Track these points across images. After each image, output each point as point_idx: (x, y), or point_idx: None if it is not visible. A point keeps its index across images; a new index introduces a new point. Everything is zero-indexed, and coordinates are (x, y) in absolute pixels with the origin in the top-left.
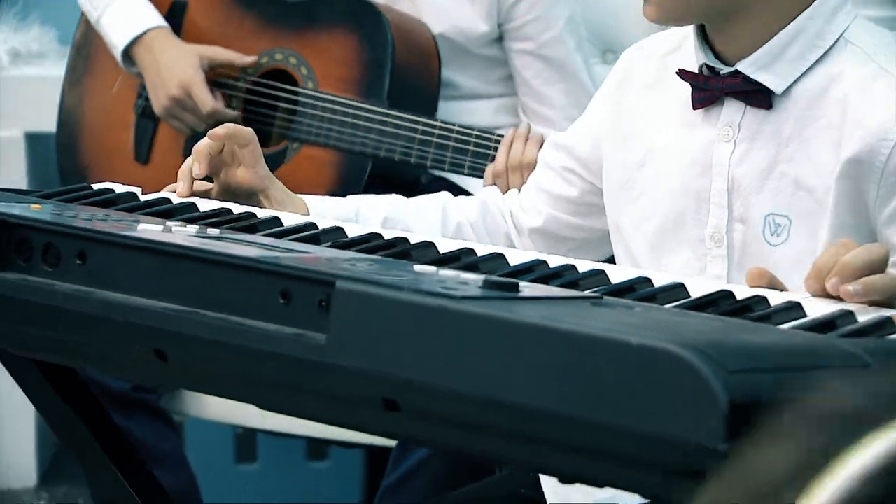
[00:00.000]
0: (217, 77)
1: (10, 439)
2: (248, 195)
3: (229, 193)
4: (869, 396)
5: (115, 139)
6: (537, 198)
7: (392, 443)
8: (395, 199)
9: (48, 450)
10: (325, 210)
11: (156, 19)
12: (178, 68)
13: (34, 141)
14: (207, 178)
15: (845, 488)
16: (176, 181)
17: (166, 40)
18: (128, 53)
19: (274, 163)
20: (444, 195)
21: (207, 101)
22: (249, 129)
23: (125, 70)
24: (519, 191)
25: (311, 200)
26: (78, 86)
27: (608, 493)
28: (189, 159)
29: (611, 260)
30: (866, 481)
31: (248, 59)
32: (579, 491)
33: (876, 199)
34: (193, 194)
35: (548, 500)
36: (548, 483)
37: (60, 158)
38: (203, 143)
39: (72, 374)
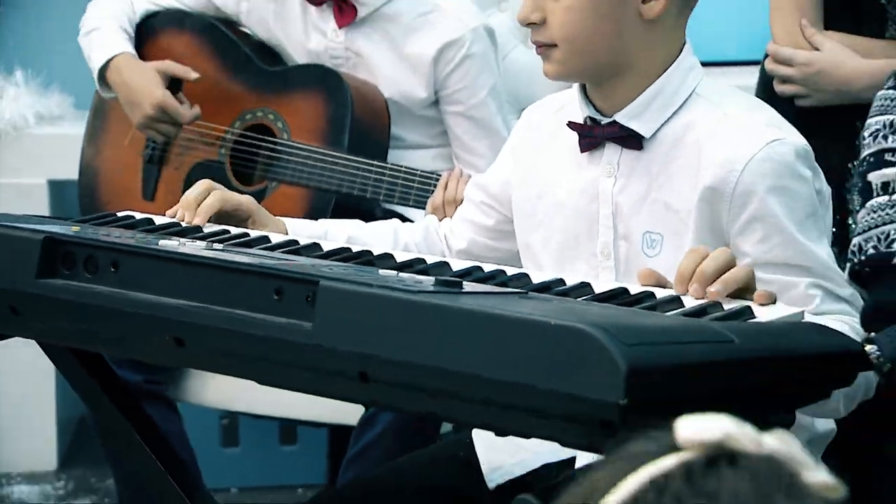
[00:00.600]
0: (208, 131)
1: (32, 426)
2: (239, 221)
3: (224, 220)
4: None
5: (127, 181)
6: (462, 226)
7: (353, 422)
8: (356, 222)
9: (67, 435)
10: (300, 230)
11: (121, 46)
12: (146, 89)
13: (55, 187)
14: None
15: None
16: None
17: (131, 63)
18: (104, 79)
19: (256, 199)
20: (395, 221)
21: (183, 113)
22: (237, 198)
23: (103, 95)
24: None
25: (288, 222)
26: (95, 140)
27: (531, 454)
28: (194, 192)
29: None
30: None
31: (194, 75)
32: (506, 453)
33: (728, 217)
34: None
35: (481, 464)
36: (480, 448)
37: (82, 199)
38: (205, 205)
39: (100, 359)
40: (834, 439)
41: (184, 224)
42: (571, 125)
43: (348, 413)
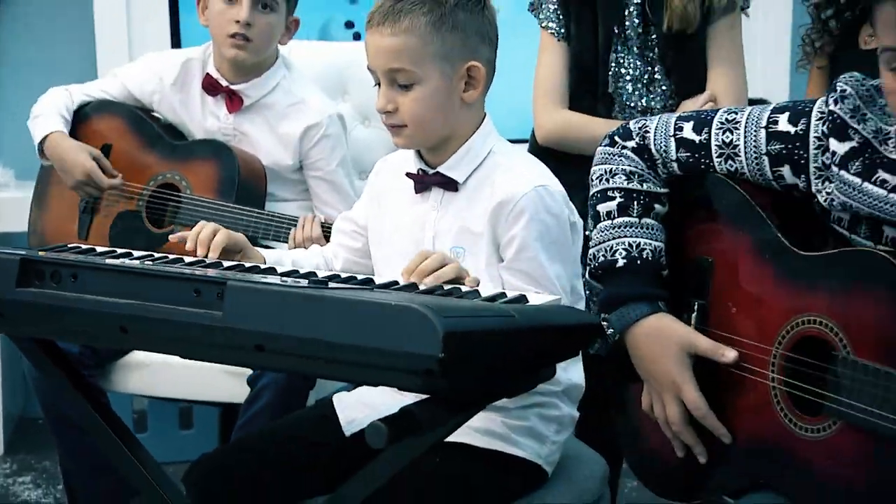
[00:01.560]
0: (130, 188)
1: None
2: (233, 255)
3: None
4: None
5: (67, 227)
6: (339, 249)
7: (241, 401)
8: (300, 250)
9: (10, 428)
10: (267, 256)
11: (57, 126)
12: (78, 161)
13: (3, 238)
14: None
15: None
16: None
17: (63, 140)
18: (42, 151)
19: (164, 240)
20: (320, 248)
21: (104, 181)
22: (235, 235)
23: (43, 163)
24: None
25: (262, 252)
26: (41, 198)
27: (376, 411)
28: (205, 233)
29: None
30: None
31: (113, 175)
32: (357, 410)
33: (501, 233)
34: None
35: (339, 419)
36: (338, 408)
37: (31, 241)
38: (217, 242)
39: (53, 345)
40: (586, 391)
41: (116, 252)
42: (409, 174)
43: (236, 394)
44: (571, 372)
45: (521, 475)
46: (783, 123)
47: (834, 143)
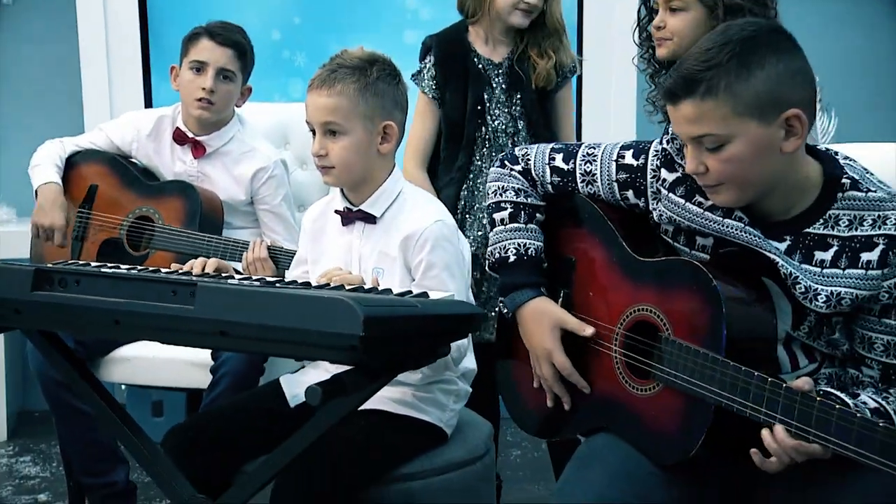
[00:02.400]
0: (113, 220)
1: None
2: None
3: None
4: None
5: (61, 254)
6: (297, 269)
7: (204, 386)
8: (298, 267)
9: (13, 420)
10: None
11: (51, 177)
12: (54, 214)
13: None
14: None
15: None
16: None
17: (51, 193)
18: (36, 195)
19: (141, 260)
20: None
21: (58, 239)
22: (219, 262)
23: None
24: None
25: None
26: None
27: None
28: (201, 264)
29: None
30: None
31: (71, 227)
32: (299, 387)
33: (411, 257)
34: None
35: (285, 394)
36: (284, 385)
37: (34, 261)
38: (210, 265)
39: (59, 339)
40: (477, 374)
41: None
42: (337, 211)
43: (200, 381)
44: (468, 359)
45: (427, 435)
46: (628, 158)
47: (665, 173)
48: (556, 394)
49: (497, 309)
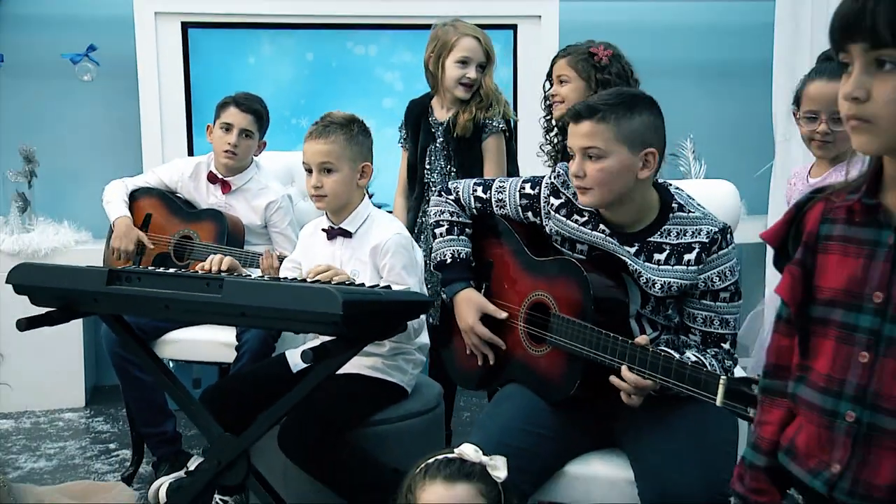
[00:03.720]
0: (164, 240)
1: (71, 385)
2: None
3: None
4: None
5: (126, 264)
6: (294, 272)
7: (230, 361)
8: (291, 267)
9: (88, 391)
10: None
11: (121, 211)
12: (127, 241)
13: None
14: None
15: None
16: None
17: (124, 225)
18: (112, 224)
19: (186, 268)
20: (293, 266)
21: (128, 259)
22: (234, 261)
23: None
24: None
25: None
26: (111, 252)
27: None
28: (218, 257)
29: None
30: None
31: (148, 246)
32: (299, 358)
33: (379, 261)
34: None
35: (289, 363)
36: (289, 357)
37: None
38: (225, 262)
39: (126, 322)
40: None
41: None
42: (323, 229)
43: (228, 356)
44: (423, 336)
45: (393, 392)
46: (528, 189)
47: (552, 199)
48: (483, 354)
49: (441, 298)
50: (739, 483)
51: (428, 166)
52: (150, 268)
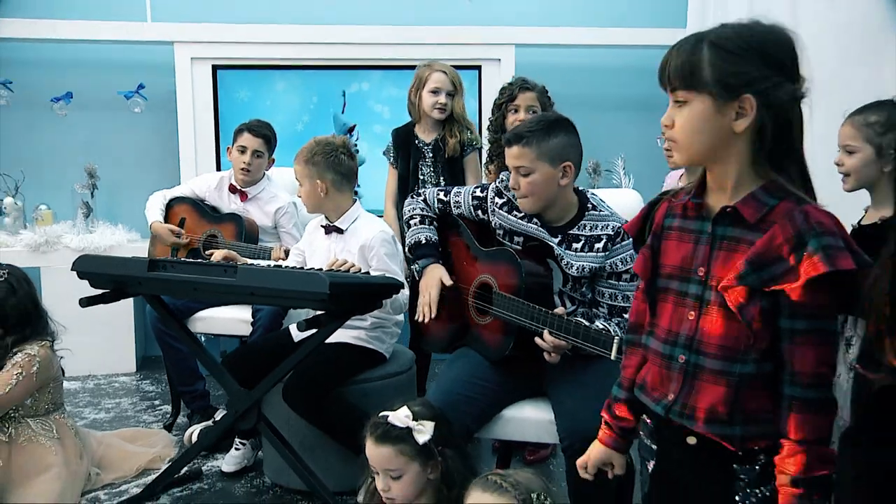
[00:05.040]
0: (195, 239)
1: (124, 353)
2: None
3: None
4: None
5: (164, 254)
6: (300, 257)
7: (247, 334)
8: (295, 254)
9: (139, 359)
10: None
11: (157, 217)
12: (162, 235)
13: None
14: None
15: None
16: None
17: (159, 227)
18: (151, 227)
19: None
20: (292, 261)
21: (170, 239)
22: (232, 254)
23: (152, 233)
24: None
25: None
26: (153, 247)
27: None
28: (220, 252)
29: None
30: None
31: (183, 241)
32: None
33: (367, 254)
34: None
35: (292, 335)
36: (293, 330)
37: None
38: (221, 254)
39: (161, 299)
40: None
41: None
42: (322, 225)
43: (244, 330)
44: (399, 315)
45: (374, 358)
46: (478, 193)
47: (497, 200)
48: (423, 313)
49: (414, 279)
50: (608, 412)
51: (421, 177)
52: (182, 258)
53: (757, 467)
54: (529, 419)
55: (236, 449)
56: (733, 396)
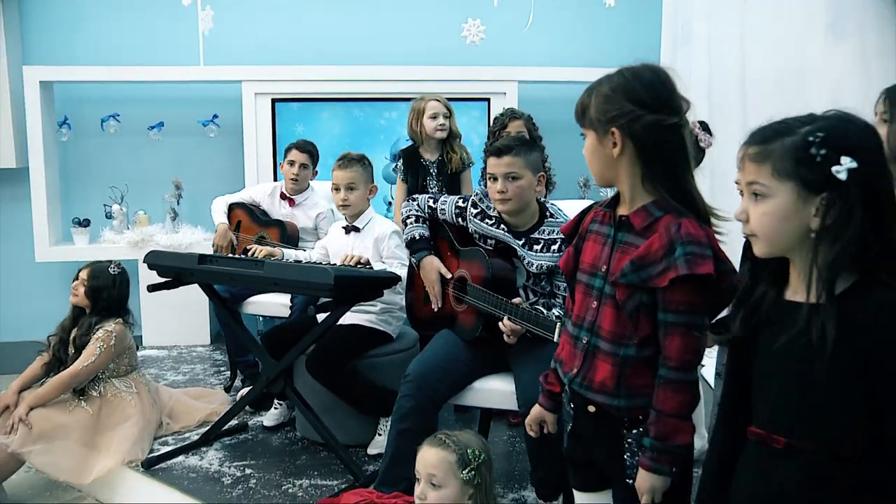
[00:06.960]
0: (247, 238)
1: (197, 324)
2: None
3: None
4: None
5: (226, 251)
6: (323, 250)
7: (286, 314)
8: (319, 249)
9: (212, 336)
10: (300, 256)
11: (221, 219)
12: (223, 240)
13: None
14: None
15: None
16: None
17: (221, 229)
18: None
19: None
20: (318, 255)
21: (226, 246)
22: (269, 249)
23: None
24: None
25: (297, 253)
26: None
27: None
28: (265, 249)
29: None
30: None
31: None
32: (321, 312)
33: (380, 244)
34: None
35: (316, 318)
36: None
37: None
38: (264, 251)
39: (215, 291)
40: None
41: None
42: (343, 227)
43: (283, 312)
44: (399, 300)
45: (382, 337)
46: (460, 203)
47: (473, 209)
48: (435, 299)
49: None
50: (544, 380)
51: (423, 193)
52: (227, 254)
53: (641, 432)
54: (494, 389)
55: (275, 408)
56: (619, 373)
